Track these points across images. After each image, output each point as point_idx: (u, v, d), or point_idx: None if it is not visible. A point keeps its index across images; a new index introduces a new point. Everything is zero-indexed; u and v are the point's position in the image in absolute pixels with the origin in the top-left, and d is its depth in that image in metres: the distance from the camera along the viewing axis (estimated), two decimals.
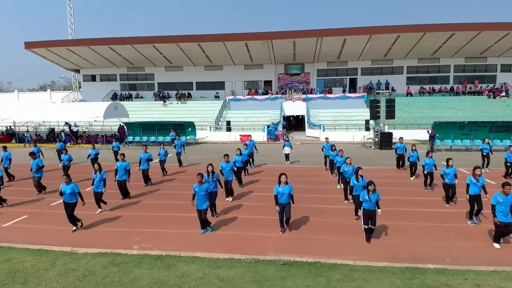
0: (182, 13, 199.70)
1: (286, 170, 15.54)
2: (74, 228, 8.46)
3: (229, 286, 5.82)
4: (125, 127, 28.09)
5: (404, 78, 38.60)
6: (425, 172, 11.45)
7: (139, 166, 12.74)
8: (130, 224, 8.95)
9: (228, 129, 30.09)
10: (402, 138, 15.90)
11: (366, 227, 7.47)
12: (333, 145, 14.05)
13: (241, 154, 12.68)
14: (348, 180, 9.87)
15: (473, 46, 35.04)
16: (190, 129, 26.84)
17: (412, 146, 13.61)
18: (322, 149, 15.58)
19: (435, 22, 50.62)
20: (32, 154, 12.18)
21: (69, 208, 8.33)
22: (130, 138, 26.62)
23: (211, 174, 9.04)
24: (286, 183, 7.84)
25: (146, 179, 12.93)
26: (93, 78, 43.01)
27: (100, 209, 9.84)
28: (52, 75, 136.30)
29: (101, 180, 9.59)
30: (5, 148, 14.29)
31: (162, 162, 14.73)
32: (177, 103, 38.96)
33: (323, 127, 28.67)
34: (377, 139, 23.61)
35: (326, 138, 15.90)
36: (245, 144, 14.73)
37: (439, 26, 31.89)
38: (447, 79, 39.00)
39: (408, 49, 35.48)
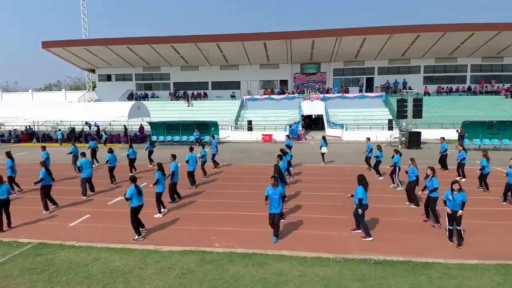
0: (185, 14, 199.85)
1: (330, 170, 15.71)
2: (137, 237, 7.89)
3: (333, 284, 5.81)
4: (148, 126, 28.10)
5: (421, 77, 38.51)
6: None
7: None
8: (199, 222, 8.96)
9: (249, 129, 30.06)
10: (443, 138, 15.84)
11: (451, 227, 7.43)
12: (379, 145, 14.03)
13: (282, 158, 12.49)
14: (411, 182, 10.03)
15: (490, 46, 34.95)
16: (213, 129, 26.81)
17: (456, 146, 13.59)
18: (367, 150, 15.44)
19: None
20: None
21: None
22: (154, 138, 26.61)
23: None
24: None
25: (192, 180, 12.82)
26: (108, 77, 43.04)
27: (163, 209, 9.80)
28: (57, 74, 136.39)
29: (163, 179, 9.59)
30: (44, 147, 14.31)
31: (203, 164, 14.66)
32: (188, 104, 38.83)
33: (346, 126, 28.60)
34: (403, 139, 23.56)
35: (367, 138, 15.78)
36: (288, 146, 14.65)
37: (459, 26, 31.83)
38: (464, 78, 38.91)
39: (426, 48, 35.39)
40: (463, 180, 12.88)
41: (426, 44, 34.43)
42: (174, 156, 11.01)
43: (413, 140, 22.16)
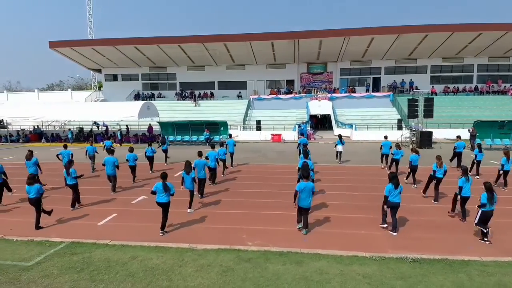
0: (185, 13, 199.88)
1: (347, 169, 15.73)
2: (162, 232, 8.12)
3: (375, 282, 5.83)
4: (156, 126, 28.14)
5: (428, 77, 38.55)
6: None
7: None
8: (227, 221, 8.98)
9: (258, 128, 30.09)
10: (460, 136, 15.87)
11: (485, 231, 7.45)
12: (398, 144, 14.07)
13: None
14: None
15: (497, 46, 35.00)
16: (222, 129, 26.86)
17: (477, 144, 13.63)
18: (380, 147, 15.55)
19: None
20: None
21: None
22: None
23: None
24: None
25: (214, 178, 12.93)
26: (114, 77, 43.12)
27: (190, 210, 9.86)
28: (59, 75, 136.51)
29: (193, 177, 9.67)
30: (65, 146, 14.36)
31: (224, 162, 14.72)
32: (195, 104, 38.89)
33: (355, 126, 28.62)
34: (414, 138, 23.58)
35: (385, 136, 15.85)
36: (304, 144, 14.69)
37: (467, 26, 31.87)
38: (470, 78, 38.95)
39: (433, 48, 35.43)
40: (477, 178, 13.03)
41: (433, 44, 34.46)
42: (200, 153, 11.25)
43: (425, 139, 22.17)
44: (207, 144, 26.08)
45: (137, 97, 40.75)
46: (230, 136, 17.38)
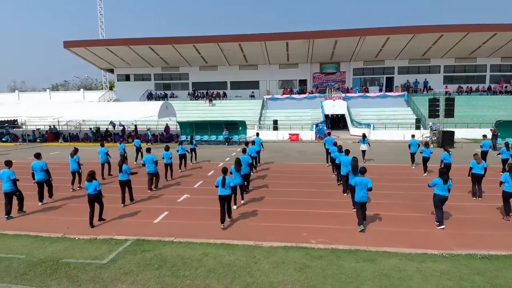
0: (185, 14, 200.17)
1: (377, 168, 15.79)
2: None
3: (455, 278, 5.89)
4: (173, 126, 28.28)
5: (441, 77, 38.60)
6: None
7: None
8: (282, 219, 9.06)
9: (275, 128, 30.17)
10: (486, 135, 15.94)
11: None
12: (427, 142, 14.14)
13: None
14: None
15: (510, 46, 35.05)
16: (241, 128, 26.96)
17: (505, 143, 13.72)
18: (409, 146, 15.64)
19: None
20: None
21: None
22: (183, 137, 26.77)
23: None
24: None
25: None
26: (127, 77, 43.27)
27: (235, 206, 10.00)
28: (63, 75, 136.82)
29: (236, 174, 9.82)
30: (102, 144, 14.48)
31: (254, 159, 14.84)
32: (210, 104, 38.97)
33: (373, 126, 28.67)
34: (434, 138, 23.64)
35: (412, 135, 15.93)
36: (334, 143, 14.80)
37: (483, 26, 31.92)
38: (483, 78, 39.00)
39: (447, 48, 35.49)
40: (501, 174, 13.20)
41: (447, 44, 34.52)
42: (244, 150, 11.52)
43: (447, 139, 22.23)
44: (226, 144, 26.24)
45: (150, 97, 40.89)
46: (258, 134, 17.47)
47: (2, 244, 7.73)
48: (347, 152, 11.34)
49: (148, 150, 12.38)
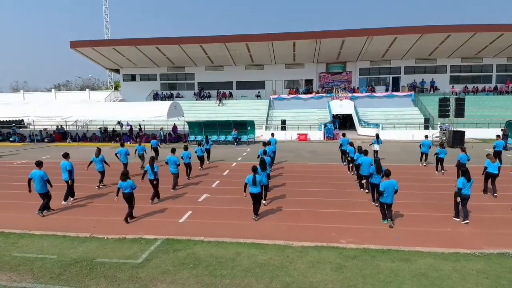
0: (190, 15, 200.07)
1: (392, 168, 15.77)
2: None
3: (493, 276, 5.91)
4: (180, 126, 28.31)
5: (447, 77, 38.59)
6: None
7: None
8: (307, 219, 9.06)
9: (283, 128, 30.18)
10: (499, 136, 15.95)
11: None
12: (442, 143, 14.17)
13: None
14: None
15: None
16: (249, 128, 26.96)
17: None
18: (420, 145, 15.68)
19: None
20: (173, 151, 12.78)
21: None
22: (192, 137, 26.81)
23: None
24: None
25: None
26: (132, 77, 43.29)
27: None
28: (65, 74, 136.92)
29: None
30: (122, 144, 14.51)
31: (272, 160, 14.87)
32: (219, 103, 39.04)
33: (382, 126, 28.65)
34: (444, 138, 23.63)
35: (425, 135, 15.97)
36: (350, 143, 14.81)
37: (491, 27, 31.91)
38: (489, 78, 38.99)
39: (454, 48, 35.49)
40: None
41: (454, 44, 34.51)
42: (265, 152, 11.74)
43: (457, 139, 22.22)
44: (235, 144, 26.25)
45: (156, 97, 40.91)
46: (273, 135, 17.49)
47: (31, 244, 7.73)
48: (366, 152, 11.40)
49: (173, 150, 12.39)
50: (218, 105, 37.83)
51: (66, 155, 10.76)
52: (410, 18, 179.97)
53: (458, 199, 8.52)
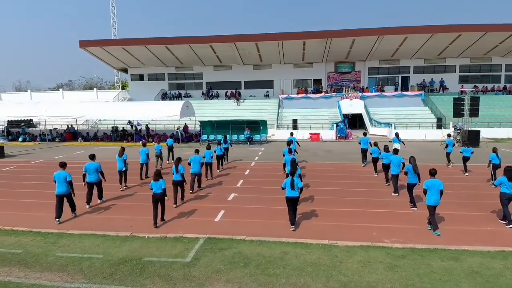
0: (212, 13, 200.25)
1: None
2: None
3: None
4: (191, 126, 28.33)
5: (456, 76, 38.57)
6: None
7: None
8: (343, 218, 9.06)
9: (295, 127, 30.17)
10: None
11: None
12: (466, 142, 14.14)
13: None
14: None
15: None
16: (262, 127, 26.97)
17: None
18: (446, 145, 15.64)
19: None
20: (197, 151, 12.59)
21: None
22: (204, 137, 26.82)
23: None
24: None
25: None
26: (141, 77, 43.31)
27: None
28: (67, 74, 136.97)
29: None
30: (144, 144, 14.53)
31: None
32: (238, 103, 38.95)
33: (394, 125, 28.60)
34: (458, 137, 23.62)
35: (448, 134, 15.96)
36: (375, 144, 14.79)
37: (501, 26, 31.86)
38: (498, 78, 38.96)
39: (464, 48, 35.46)
40: None
41: (464, 44, 34.49)
42: (290, 151, 11.80)
43: (472, 138, 22.19)
44: (248, 143, 26.25)
45: (164, 96, 40.92)
46: (292, 134, 17.51)
47: (73, 244, 7.69)
48: (396, 151, 11.37)
49: (197, 151, 12.39)
50: (238, 105, 37.74)
51: (92, 157, 10.63)
52: (411, 18, 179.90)
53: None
